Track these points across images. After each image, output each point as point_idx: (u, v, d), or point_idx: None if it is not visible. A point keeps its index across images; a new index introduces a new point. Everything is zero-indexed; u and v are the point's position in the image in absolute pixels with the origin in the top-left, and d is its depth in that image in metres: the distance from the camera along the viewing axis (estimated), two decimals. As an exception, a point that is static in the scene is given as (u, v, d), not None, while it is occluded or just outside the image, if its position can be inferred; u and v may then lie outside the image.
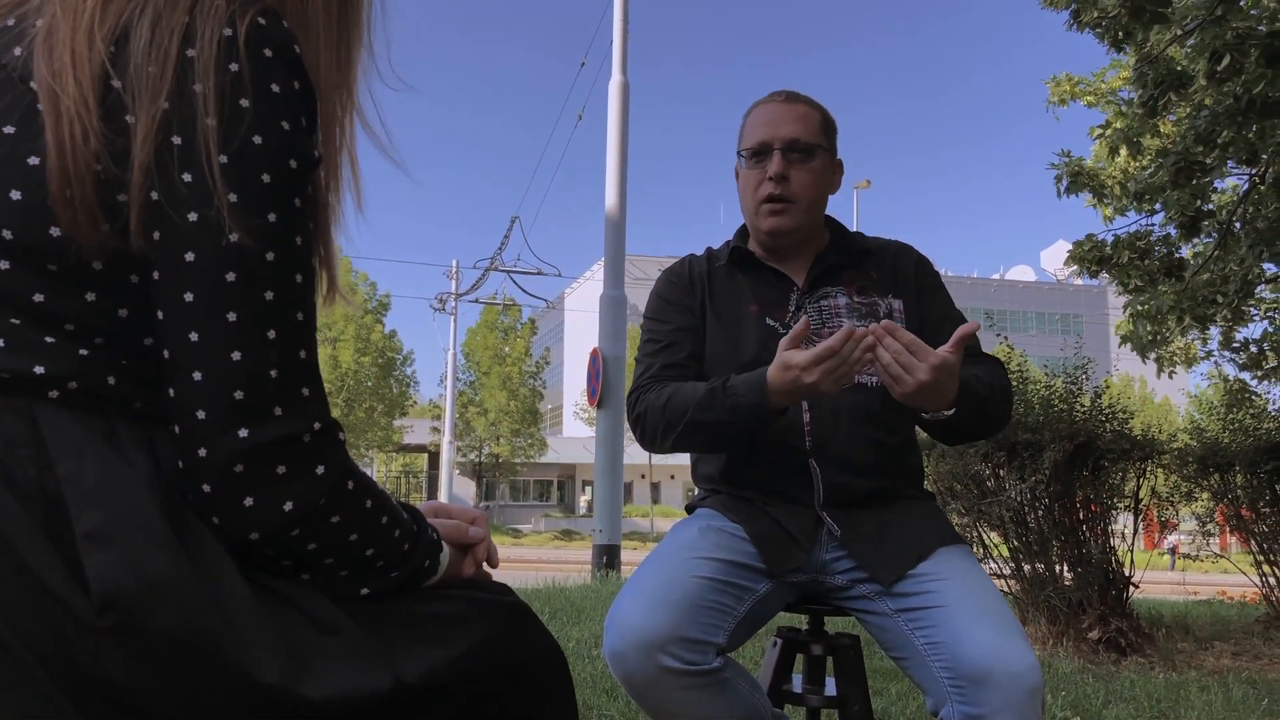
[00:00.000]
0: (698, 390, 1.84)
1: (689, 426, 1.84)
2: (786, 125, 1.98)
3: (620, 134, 11.11)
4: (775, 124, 1.99)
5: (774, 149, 1.97)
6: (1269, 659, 5.01)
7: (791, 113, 2.00)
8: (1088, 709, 3.56)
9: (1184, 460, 5.80)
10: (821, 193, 2.02)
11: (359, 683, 0.87)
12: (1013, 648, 1.57)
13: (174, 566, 0.81)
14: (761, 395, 1.74)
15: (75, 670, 0.77)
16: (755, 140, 2.00)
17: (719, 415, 1.80)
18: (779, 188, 1.96)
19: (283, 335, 0.86)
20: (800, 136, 1.98)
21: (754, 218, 2.02)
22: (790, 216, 1.98)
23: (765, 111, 2.02)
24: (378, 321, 35.70)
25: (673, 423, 1.86)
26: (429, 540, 1.04)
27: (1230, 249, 7.17)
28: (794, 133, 1.97)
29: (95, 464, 0.82)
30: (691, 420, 1.83)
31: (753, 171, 2.01)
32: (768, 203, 1.98)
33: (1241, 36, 5.20)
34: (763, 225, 2.00)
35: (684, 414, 1.84)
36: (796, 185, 1.97)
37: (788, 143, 1.97)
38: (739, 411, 1.77)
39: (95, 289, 0.86)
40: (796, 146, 1.97)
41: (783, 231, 2.00)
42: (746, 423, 1.78)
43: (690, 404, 1.83)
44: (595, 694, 3.28)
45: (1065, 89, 8.85)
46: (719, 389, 1.81)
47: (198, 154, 0.82)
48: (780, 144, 1.97)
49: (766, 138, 1.98)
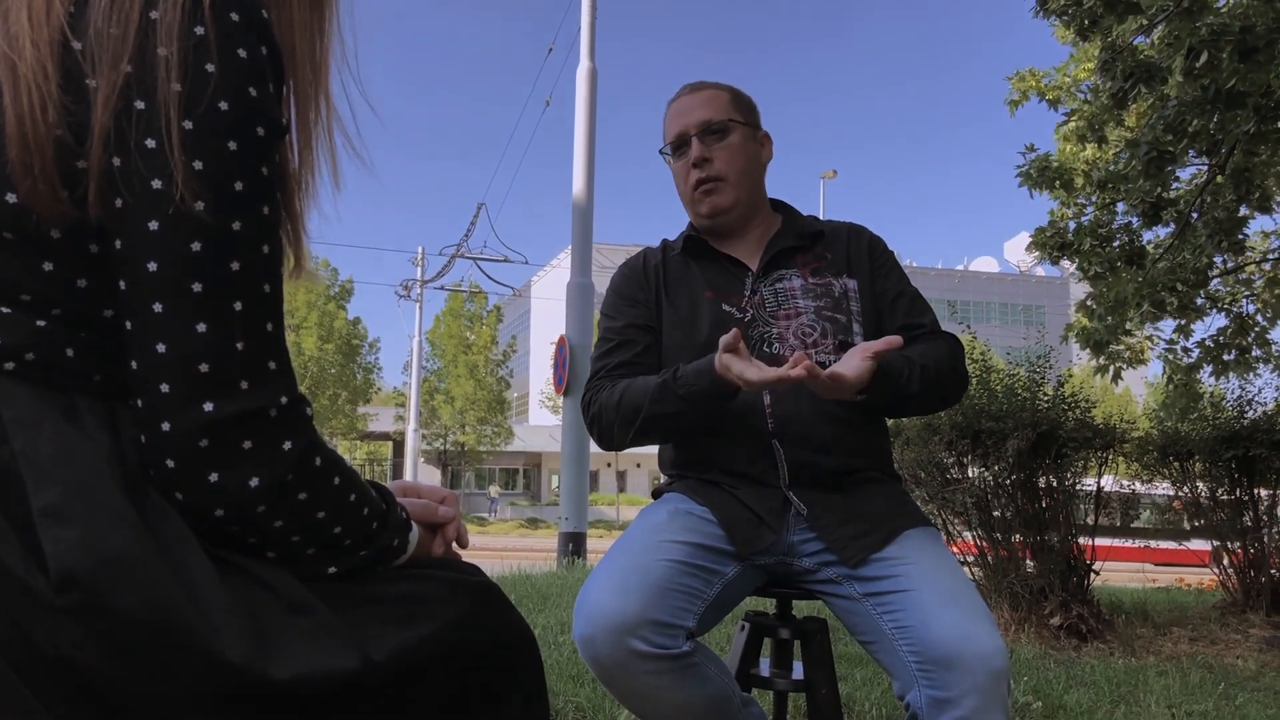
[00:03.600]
0: (649, 384, 1.85)
1: (646, 421, 1.86)
2: (695, 111, 2.05)
3: (588, 121, 11.07)
4: (686, 113, 2.06)
5: (690, 136, 2.03)
6: (1225, 644, 5.10)
7: (698, 99, 2.07)
8: (1049, 693, 3.61)
9: (1145, 449, 5.88)
10: (748, 164, 2.06)
11: (327, 662, 0.85)
12: (980, 631, 1.58)
13: (136, 544, 0.78)
14: (712, 381, 1.75)
15: (33, 651, 0.75)
16: (673, 134, 2.07)
17: (674, 406, 1.81)
18: (704, 170, 2.02)
19: (249, 307, 0.84)
20: (710, 117, 2.03)
21: (692, 206, 2.08)
22: (723, 194, 2.03)
23: (676, 106, 2.09)
24: (341, 308, 35.40)
25: (629, 419, 1.88)
26: (398, 519, 1.02)
27: (1188, 239, 7.26)
28: (704, 116, 2.04)
29: (53, 438, 0.80)
30: (648, 415, 1.85)
31: (680, 164, 2.07)
32: (698, 186, 2.03)
33: (1216, 32, 5.26)
34: (701, 209, 2.05)
35: (639, 409, 1.86)
36: (720, 163, 2.03)
37: (700, 126, 2.03)
38: (693, 399, 1.79)
39: (53, 259, 0.83)
40: (709, 128, 2.03)
41: (721, 209, 2.04)
42: (702, 408, 1.80)
43: (644, 399, 1.85)
44: (561, 680, 3.27)
45: (1029, 83, 8.90)
46: (670, 380, 1.82)
47: (161, 120, 0.80)
48: (694, 130, 2.03)
49: (681, 128, 2.05)
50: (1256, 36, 5.16)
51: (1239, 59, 5.21)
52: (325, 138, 1.00)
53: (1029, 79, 8.92)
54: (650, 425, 1.86)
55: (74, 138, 0.80)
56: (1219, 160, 6.58)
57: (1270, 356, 8.70)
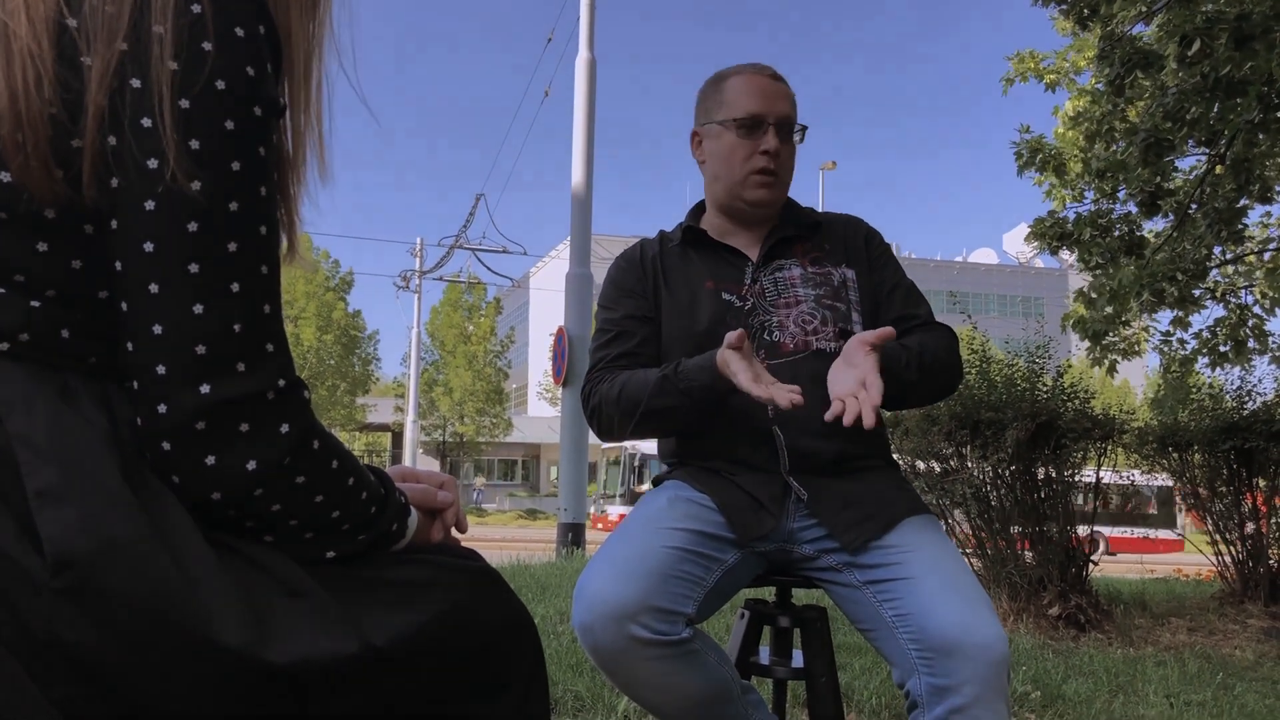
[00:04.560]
0: (650, 378, 1.85)
1: (645, 415, 1.85)
2: (780, 102, 2.01)
3: (587, 112, 11.05)
4: (769, 99, 2.00)
5: (769, 123, 1.98)
6: (1223, 634, 5.11)
7: (782, 90, 2.03)
8: (1048, 683, 3.61)
9: (1143, 439, 5.88)
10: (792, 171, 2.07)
11: (325, 647, 0.85)
12: (980, 620, 1.58)
13: (132, 526, 0.78)
14: (713, 377, 1.75)
15: (28, 633, 0.74)
16: (748, 111, 1.99)
17: (674, 400, 1.81)
18: (773, 162, 1.99)
19: (246, 288, 0.83)
20: (791, 115, 2.02)
21: (740, 187, 2.02)
22: (776, 190, 2.02)
23: (755, 83, 2.02)
24: (340, 299, 35.35)
25: (629, 412, 1.87)
26: (397, 504, 1.01)
27: (1188, 230, 7.25)
28: (786, 110, 2.01)
29: (48, 419, 0.79)
30: (647, 409, 1.84)
31: (744, 142, 2.00)
32: (759, 174, 1.99)
33: (1211, 20, 5.25)
34: (751, 196, 2.02)
35: (638, 403, 1.85)
36: (785, 161, 2.01)
37: (781, 119, 1.99)
38: (693, 394, 1.79)
39: (47, 239, 0.82)
40: (789, 124, 2.01)
41: (768, 203, 2.03)
42: (701, 403, 1.80)
43: (644, 393, 1.84)
44: (560, 669, 3.27)
45: (1029, 65, 8.88)
46: (671, 375, 1.81)
47: (158, 98, 0.79)
48: (775, 119, 1.99)
49: (761, 110, 1.99)
50: (1253, 24, 5.16)
51: (1234, 46, 5.20)
52: (315, 123, 0.99)
53: (1028, 60, 8.90)
54: (650, 418, 1.86)
55: (69, 116, 0.79)
56: (1218, 150, 6.57)
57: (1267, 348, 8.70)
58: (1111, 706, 3.38)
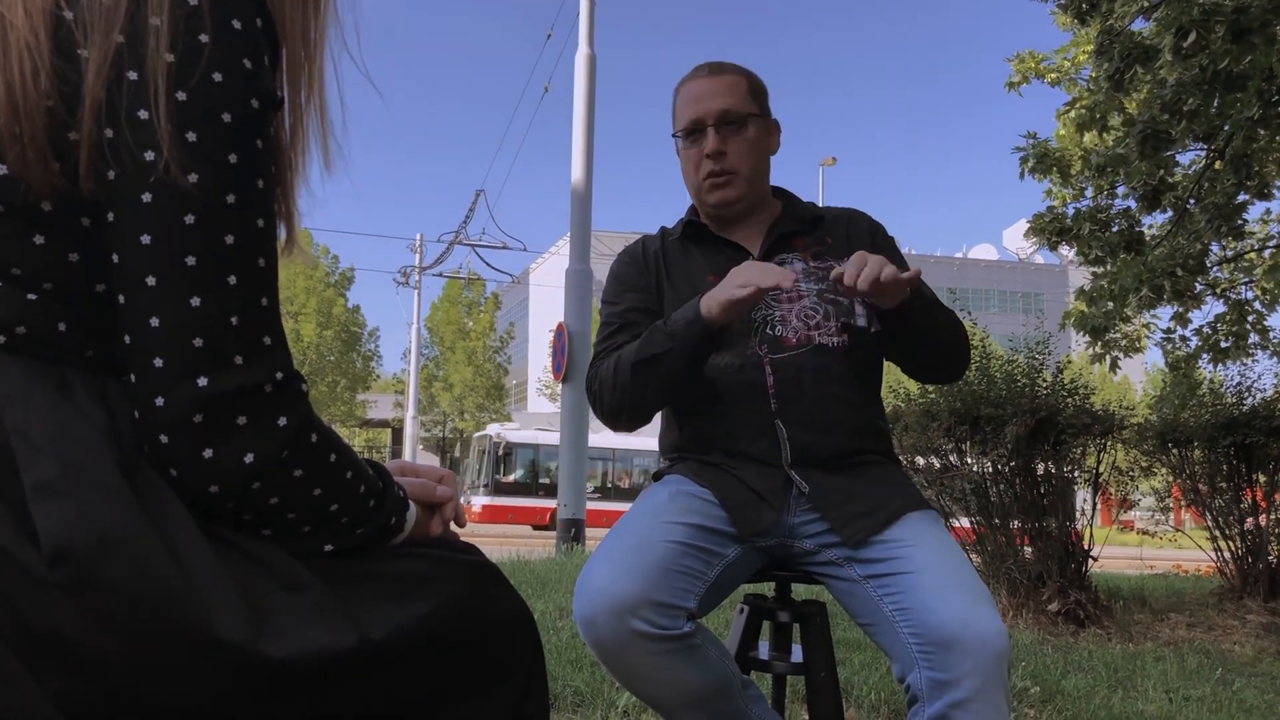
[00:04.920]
0: (640, 340, 1.86)
1: (637, 369, 1.83)
2: (716, 99, 1.99)
3: (587, 107, 11.05)
4: (704, 99, 1.99)
5: (707, 125, 1.98)
6: (1222, 630, 5.11)
7: (719, 85, 2.01)
8: (1047, 679, 3.61)
9: (1143, 435, 5.87)
10: (760, 158, 2.04)
11: (323, 641, 0.84)
12: (981, 614, 1.57)
13: (129, 520, 0.78)
14: (695, 312, 1.76)
15: (25, 627, 0.74)
16: (687, 119, 2.01)
17: (662, 345, 1.80)
18: (718, 163, 1.98)
19: (244, 281, 0.83)
20: (730, 107, 1.98)
21: (699, 194, 2.05)
22: (734, 188, 2.00)
23: (693, 88, 2.03)
24: (340, 295, 35.34)
25: (623, 375, 1.86)
26: (395, 497, 1.01)
27: (1187, 225, 7.24)
28: (724, 104, 1.98)
29: (45, 413, 0.79)
30: (637, 361, 1.83)
31: (691, 150, 2.02)
32: (709, 178, 1.99)
33: (1207, 12, 5.24)
34: (709, 200, 2.03)
35: (630, 361, 1.84)
36: (734, 156, 1.98)
37: (719, 116, 1.98)
38: (677, 336, 1.78)
39: (44, 232, 0.82)
40: (728, 118, 1.98)
41: (729, 203, 2.02)
42: (688, 345, 1.78)
43: (635, 350, 1.85)
44: (560, 665, 3.27)
45: (1029, 65, 8.87)
46: (658, 325, 1.83)
47: (154, 91, 0.79)
48: (712, 119, 1.98)
49: (698, 114, 1.99)
50: (1250, 18, 5.14)
51: (1232, 39, 5.19)
52: (317, 115, 0.98)
53: (1029, 60, 8.89)
54: (641, 372, 1.83)
55: (66, 108, 0.79)
56: (1217, 145, 6.56)
57: (1268, 343, 8.69)
58: (1110, 701, 3.38)
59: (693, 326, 1.77)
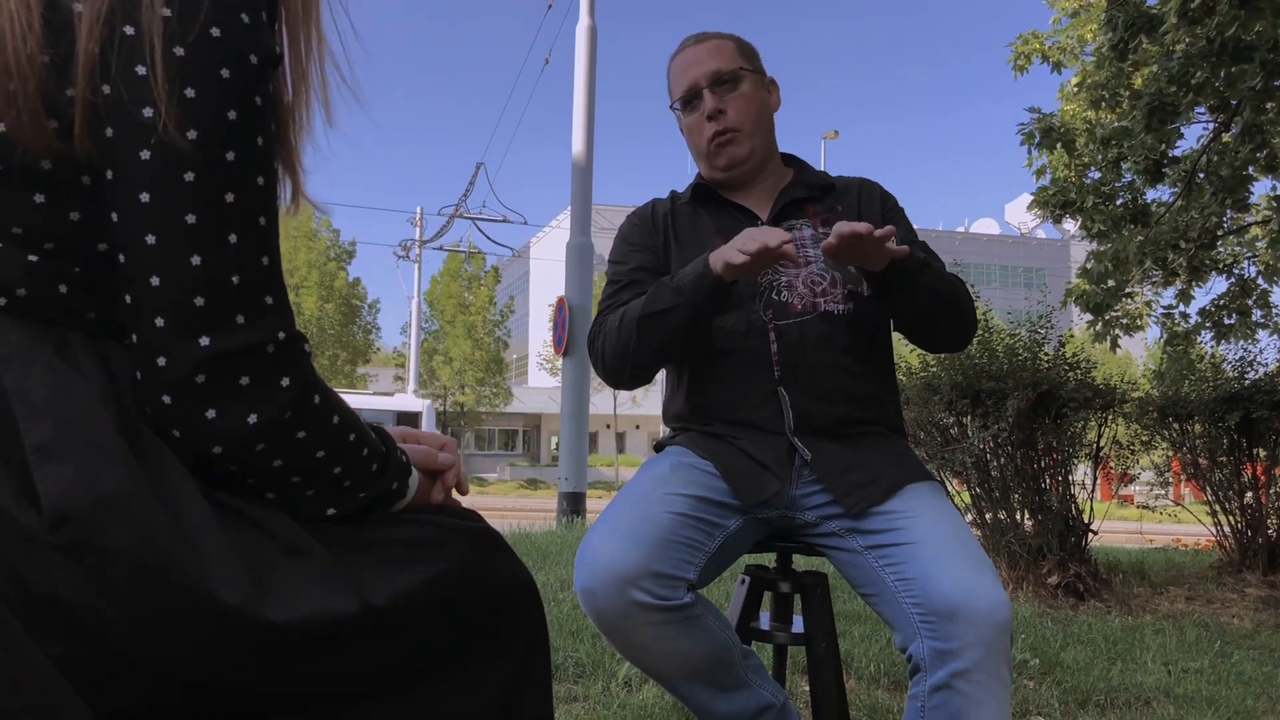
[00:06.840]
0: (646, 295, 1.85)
1: (642, 324, 1.82)
2: (705, 63, 2.01)
3: (588, 79, 10.96)
4: (694, 65, 2.02)
5: (702, 88, 2.00)
6: (1221, 603, 5.12)
7: (705, 50, 2.03)
8: (1046, 651, 3.62)
9: (1144, 409, 5.87)
10: (761, 113, 2.04)
11: (325, 605, 0.84)
12: (983, 584, 1.57)
13: (130, 483, 0.77)
14: (704, 266, 1.76)
15: (25, 589, 0.73)
16: (683, 88, 2.04)
17: (669, 300, 1.79)
18: (719, 122, 2.00)
19: (244, 239, 0.81)
20: (720, 67, 2.00)
21: (708, 159, 2.05)
22: (740, 144, 2.01)
23: (682, 59, 2.06)
24: (341, 268, 35.29)
25: (627, 330, 1.85)
26: (398, 462, 1.00)
27: (1194, 198, 7.19)
28: (714, 66, 2.01)
29: (45, 375, 0.78)
30: (643, 315, 1.82)
31: (692, 117, 2.04)
32: (714, 139, 2.00)
33: None
34: (719, 162, 2.03)
35: (636, 316, 1.84)
36: (735, 113, 2.00)
37: (711, 77, 2.00)
38: (685, 290, 1.78)
39: (44, 191, 0.81)
40: (720, 78, 2.00)
41: (738, 160, 2.02)
42: (696, 300, 1.77)
43: (639, 305, 1.84)
44: (561, 636, 3.29)
45: (1033, 46, 8.80)
46: (664, 280, 1.83)
47: (150, 46, 0.77)
48: (706, 81, 2.00)
49: (691, 81, 2.02)
50: None
51: (1239, 5, 5.14)
52: (318, 71, 0.97)
53: (1032, 41, 8.82)
54: (646, 329, 1.82)
55: (60, 65, 0.78)
56: (1225, 118, 6.50)
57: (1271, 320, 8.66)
58: (1110, 674, 3.39)
59: (701, 281, 1.76)
